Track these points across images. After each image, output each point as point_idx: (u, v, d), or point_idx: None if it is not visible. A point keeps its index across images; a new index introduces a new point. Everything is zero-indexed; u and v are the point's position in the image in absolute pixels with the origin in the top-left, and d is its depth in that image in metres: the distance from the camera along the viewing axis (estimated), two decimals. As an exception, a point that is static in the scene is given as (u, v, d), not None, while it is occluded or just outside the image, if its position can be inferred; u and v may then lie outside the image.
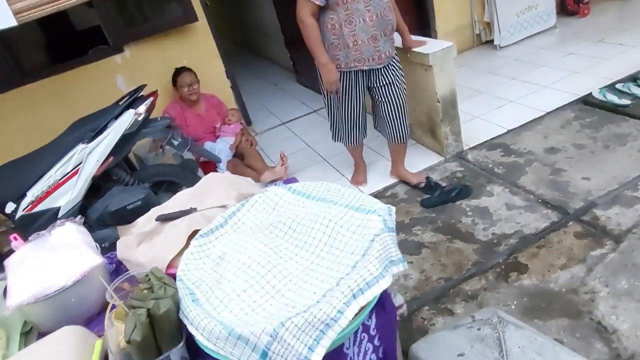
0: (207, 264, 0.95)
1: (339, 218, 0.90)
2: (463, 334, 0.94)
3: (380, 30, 2.30)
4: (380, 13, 2.27)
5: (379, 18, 2.27)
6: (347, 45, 2.32)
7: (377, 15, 2.25)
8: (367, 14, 2.24)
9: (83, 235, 1.13)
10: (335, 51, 2.36)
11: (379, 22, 2.28)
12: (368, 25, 2.26)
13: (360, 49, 2.33)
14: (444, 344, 0.93)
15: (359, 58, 2.36)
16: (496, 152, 3.05)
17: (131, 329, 0.73)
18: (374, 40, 2.31)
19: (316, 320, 0.70)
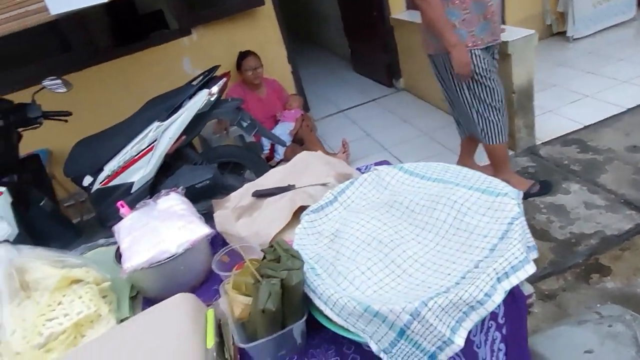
0: (320, 240, 0.93)
1: (464, 200, 0.85)
2: (590, 330, 0.88)
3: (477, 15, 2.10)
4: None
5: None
6: (485, 16, 2.11)
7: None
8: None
9: (188, 205, 1.14)
10: (470, 27, 2.12)
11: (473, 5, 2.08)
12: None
13: (495, 18, 2.14)
14: (568, 339, 0.88)
15: (494, 30, 2.17)
16: (572, 148, 2.89)
17: (265, 297, 0.71)
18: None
19: (461, 302, 0.66)
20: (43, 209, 2.58)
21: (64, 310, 0.93)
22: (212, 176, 2.58)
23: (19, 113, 2.44)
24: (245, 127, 2.66)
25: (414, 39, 3.75)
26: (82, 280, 0.99)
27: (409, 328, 0.68)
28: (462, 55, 2.12)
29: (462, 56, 2.13)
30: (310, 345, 0.84)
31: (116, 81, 3.53)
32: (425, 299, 0.67)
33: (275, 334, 0.76)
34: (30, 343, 0.89)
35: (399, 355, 0.70)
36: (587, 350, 0.84)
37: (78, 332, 0.94)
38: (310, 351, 0.83)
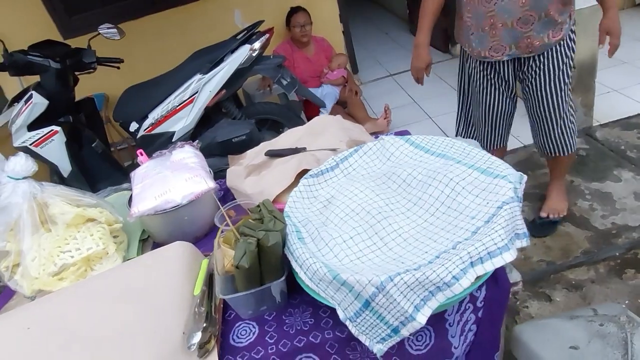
0: (314, 204, 0.94)
1: (461, 178, 0.82)
2: (581, 326, 0.84)
3: (535, 9, 1.63)
4: None
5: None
6: (482, 28, 1.73)
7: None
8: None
9: (199, 159, 1.18)
10: (467, 33, 1.81)
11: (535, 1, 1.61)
12: (518, 5, 1.61)
13: (500, 34, 1.71)
14: (555, 332, 0.85)
15: (496, 47, 1.76)
16: (632, 132, 2.66)
17: (240, 255, 0.74)
18: (523, 24, 1.66)
19: (427, 282, 0.66)
20: (95, 149, 2.77)
21: (76, 245, 1.01)
22: (249, 131, 2.62)
23: (75, 57, 2.58)
24: (285, 85, 2.66)
25: (474, 3, 3.52)
26: (96, 219, 1.07)
27: (373, 300, 0.68)
28: (415, 57, 1.90)
29: (414, 60, 1.91)
30: (291, 305, 0.87)
31: (169, 31, 3.61)
32: (392, 274, 0.67)
33: (250, 289, 0.79)
34: (46, 270, 0.98)
35: (363, 325, 0.71)
36: (573, 346, 0.81)
37: (88, 266, 1.02)
38: (289, 310, 0.86)
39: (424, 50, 1.87)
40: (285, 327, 0.82)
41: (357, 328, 0.72)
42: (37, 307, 0.89)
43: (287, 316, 0.84)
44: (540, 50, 1.74)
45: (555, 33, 1.71)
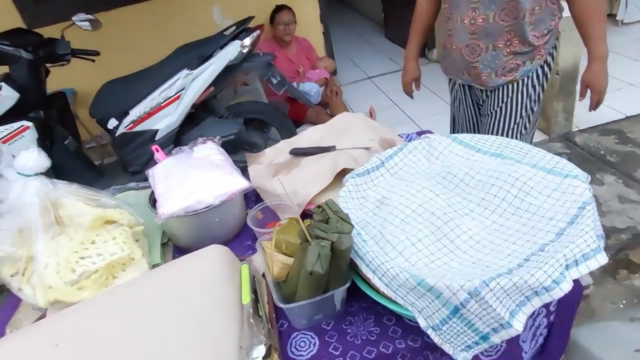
0: (365, 205, 0.89)
1: (527, 178, 0.79)
2: (643, 328, 0.83)
3: (482, 40, 1.44)
4: (492, 16, 1.38)
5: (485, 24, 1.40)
6: (444, 45, 1.60)
7: (483, 19, 1.40)
8: (468, 15, 1.42)
9: (225, 156, 1.10)
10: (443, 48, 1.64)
11: (484, 29, 1.42)
12: (466, 30, 1.44)
13: (455, 56, 1.56)
14: (616, 335, 0.84)
15: (452, 66, 1.63)
16: (610, 138, 2.78)
17: (314, 259, 0.68)
18: (470, 52, 1.49)
19: (525, 286, 0.62)
20: (67, 147, 2.58)
21: (97, 250, 0.91)
22: (237, 131, 2.53)
23: (48, 48, 2.40)
24: (275, 83, 2.59)
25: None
26: (115, 221, 0.97)
27: (464, 307, 0.64)
28: (402, 72, 1.84)
29: (402, 73, 1.84)
30: (348, 312, 0.81)
31: (145, 24, 3.44)
32: (486, 279, 0.63)
33: (316, 297, 0.73)
34: (64, 279, 0.87)
35: (449, 333, 0.67)
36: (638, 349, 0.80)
37: (110, 273, 0.92)
38: (349, 318, 0.80)
39: (410, 64, 1.78)
40: (350, 337, 0.76)
41: (441, 337, 0.67)
42: (61, 320, 0.78)
43: (348, 325, 0.79)
44: (490, 86, 1.54)
45: (506, 73, 1.47)
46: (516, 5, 1.34)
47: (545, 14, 1.40)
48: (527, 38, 1.40)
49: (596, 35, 1.36)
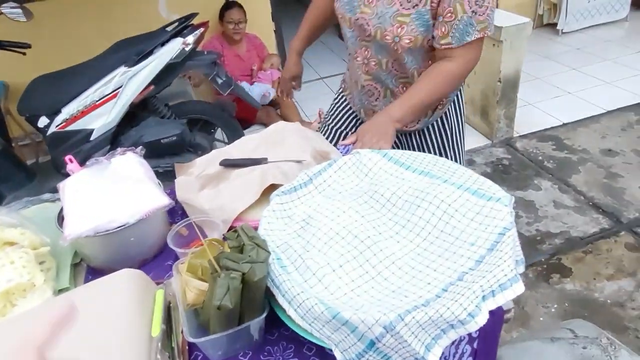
0: (290, 226, 0.84)
1: (452, 200, 0.78)
2: (563, 349, 0.84)
3: (379, 84, 1.34)
4: (385, 63, 1.26)
5: (379, 68, 1.29)
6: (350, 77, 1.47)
7: (375, 62, 1.28)
8: (361, 53, 1.30)
9: (145, 169, 1.02)
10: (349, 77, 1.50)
11: (377, 73, 1.31)
12: (360, 68, 1.33)
13: (352, 90, 1.47)
14: (538, 355, 0.84)
15: (353, 102, 1.49)
16: (548, 144, 2.89)
17: (223, 293, 0.63)
18: (368, 95, 1.38)
19: (441, 320, 0.60)
20: (-7, 147, 2.38)
21: (-9, 276, 0.81)
22: (180, 132, 2.42)
23: (-30, 39, 2.20)
24: (220, 83, 2.50)
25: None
26: (15, 243, 0.87)
27: (380, 341, 0.61)
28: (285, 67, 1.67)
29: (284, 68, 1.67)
30: (268, 341, 0.77)
31: (84, 16, 3.24)
32: (402, 313, 0.60)
33: (230, 329, 0.68)
34: (-52, 310, 0.77)
35: (365, 367, 0.64)
36: (557, 369, 0.81)
37: (8, 301, 0.83)
38: (267, 348, 0.75)
39: (292, 57, 1.58)
40: (267, 370, 0.72)
41: (357, 371, 0.64)
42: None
43: (267, 356, 0.74)
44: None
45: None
46: (401, 63, 1.23)
47: None
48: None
49: (408, 101, 1.18)
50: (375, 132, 1.17)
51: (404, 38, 1.15)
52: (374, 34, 1.19)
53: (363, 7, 1.20)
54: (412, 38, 1.15)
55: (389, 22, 1.15)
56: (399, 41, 1.16)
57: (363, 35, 1.25)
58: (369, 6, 1.19)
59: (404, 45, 1.16)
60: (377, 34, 1.19)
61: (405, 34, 1.15)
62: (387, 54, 1.24)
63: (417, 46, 1.17)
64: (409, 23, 1.14)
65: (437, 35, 1.14)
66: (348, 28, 1.29)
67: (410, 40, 1.15)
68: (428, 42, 1.17)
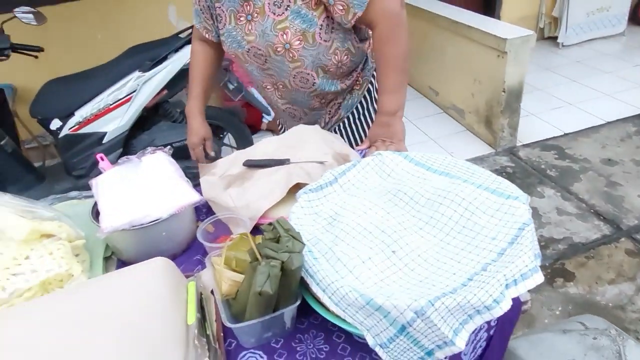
0: (318, 222, 0.89)
1: (473, 198, 0.83)
2: (575, 339, 0.88)
3: (296, 105, 1.39)
4: (289, 83, 1.29)
5: (287, 90, 1.33)
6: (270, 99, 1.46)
7: (283, 85, 1.32)
8: (268, 81, 1.34)
9: (175, 167, 1.07)
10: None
11: (289, 95, 1.35)
12: (274, 95, 1.38)
13: (278, 112, 1.52)
14: (551, 346, 0.88)
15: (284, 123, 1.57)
16: (550, 153, 2.95)
17: (264, 280, 0.67)
18: (291, 117, 1.46)
19: (468, 305, 0.64)
20: (4, 148, 2.42)
21: (31, 266, 0.85)
22: (190, 136, 2.47)
23: (-15, 41, 2.25)
24: (232, 89, 2.55)
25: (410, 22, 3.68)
26: (53, 235, 0.91)
27: (411, 326, 0.65)
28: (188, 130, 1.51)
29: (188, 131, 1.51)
30: (298, 330, 0.80)
31: (94, 21, 3.30)
32: (432, 299, 0.64)
33: (266, 316, 0.72)
34: (-8, 298, 0.81)
35: (396, 350, 0.68)
36: (570, 360, 0.86)
37: (45, 291, 0.86)
38: (298, 335, 0.79)
39: (196, 119, 1.44)
40: (299, 356, 0.76)
41: (388, 354, 0.68)
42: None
43: (297, 343, 0.78)
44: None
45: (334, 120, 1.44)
46: (303, 73, 1.25)
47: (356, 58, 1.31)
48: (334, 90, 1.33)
49: (387, 89, 1.20)
50: (385, 135, 1.23)
51: (293, 41, 1.16)
52: (267, 53, 1.21)
53: (247, 37, 1.22)
54: (300, 37, 1.16)
55: (272, 35, 1.16)
56: (290, 47, 1.17)
57: (261, 62, 1.26)
58: (250, 33, 1.21)
59: (297, 47, 1.17)
60: (269, 52, 1.20)
61: (291, 37, 1.16)
62: (288, 70, 1.24)
63: (310, 43, 1.18)
64: (290, 26, 1.15)
65: (342, 16, 1.13)
66: (245, 63, 1.30)
67: (300, 40, 1.16)
68: (321, 37, 1.17)
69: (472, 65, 3.03)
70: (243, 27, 1.22)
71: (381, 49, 1.18)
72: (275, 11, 1.15)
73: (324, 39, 1.19)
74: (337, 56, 1.24)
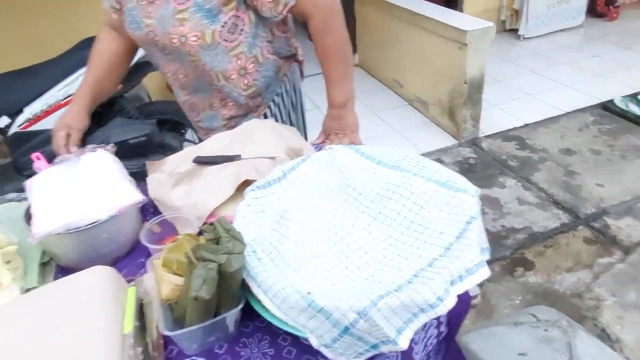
0: (264, 220, 0.86)
1: (422, 192, 0.81)
2: (526, 332, 0.89)
3: (197, 97, 1.30)
4: (190, 72, 1.21)
5: (188, 79, 1.24)
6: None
7: (183, 74, 1.23)
8: (168, 67, 1.24)
9: (117, 165, 1.01)
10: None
11: (191, 85, 1.26)
12: (175, 84, 1.29)
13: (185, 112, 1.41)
14: (502, 339, 0.89)
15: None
16: (511, 144, 3.01)
17: (199, 284, 0.63)
18: (190, 110, 1.36)
19: (412, 304, 0.63)
20: (-53, 147, 2.29)
21: (-46, 276, 0.79)
22: (148, 132, 2.39)
23: None
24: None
25: (373, 14, 3.67)
26: (-19, 241, 0.85)
27: (354, 326, 0.63)
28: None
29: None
30: (243, 333, 0.77)
31: (46, 12, 3.14)
32: (375, 298, 0.63)
33: (206, 321, 0.69)
34: None
35: (340, 348, 0.66)
36: (521, 353, 0.86)
37: (-29, 302, 0.80)
38: (243, 339, 0.76)
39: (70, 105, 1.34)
40: (243, 361, 0.73)
41: (333, 352, 0.66)
42: None
43: (242, 347, 0.75)
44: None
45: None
46: (201, 67, 1.16)
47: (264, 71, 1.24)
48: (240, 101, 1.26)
49: (332, 82, 1.20)
50: (338, 127, 1.23)
51: (189, 36, 1.07)
52: (164, 42, 1.12)
53: (146, 20, 1.12)
54: (198, 34, 1.07)
55: (170, 23, 1.07)
56: (186, 41, 1.08)
57: (160, 48, 1.16)
58: (149, 16, 1.11)
59: (192, 44, 1.08)
60: (165, 41, 1.11)
61: (189, 31, 1.06)
62: (187, 61, 1.15)
63: (208, 42, 1.09)
64: (189, 18, 1.05)
65: (272, 9, 1.07)
66: (146, 45, 1.20)
67: (197, 37, 1.07)
68: (221, 35, 1.09)
69: (434, 57, 3.05)
70: (144, 8, 1.11)
71: (319, 40, 1.14)
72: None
73: (225, 38, 1.10)
74: (241, 61, 1.16)
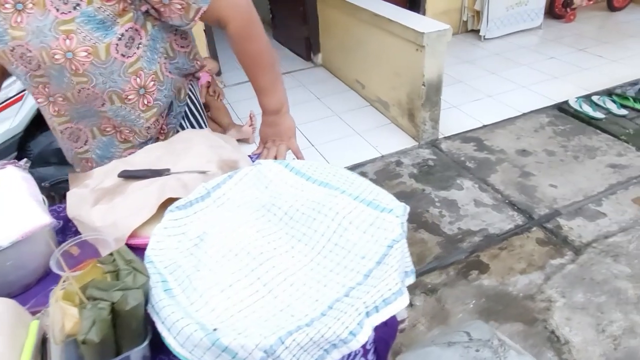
0: (183, 243, 0.80)
1: (347, 212, 0.77)
2: (458, 352, 0.87)
3: (81, 123, 1.10)
4: (72, 95, 1.01)
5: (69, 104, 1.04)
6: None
7: (63, 98, 1.03)
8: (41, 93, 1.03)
9: (28, 184, 0.93)
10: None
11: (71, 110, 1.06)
12: (47, 110, 1.09)
13: (62, 144, 1.19)
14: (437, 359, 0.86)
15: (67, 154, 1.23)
16: (469, 145, 3.03)
17: (88, 326, 0.57)
18: (73, 141, 1.14)
19: (323, 340, 0.59)
20: None
21: None
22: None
23: None
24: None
25: (335, 15, 3.64)
26: None
27: (261, 366, 0.59)
28: None
29: None
30: (159, 368, 0.72)
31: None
32: (282, 335, 0.58)
33: (106, 362, 0.63)
34: None
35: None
36: (452, 375, 0.84)
37: None
38: (158, 375, 0.71)
39: None
40: (151, 401, 0.67)
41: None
42: None
43: (156, 383, 0.70)
44: None
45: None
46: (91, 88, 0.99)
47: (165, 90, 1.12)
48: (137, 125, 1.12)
49: (261, 90, 1.17)
50: (274, 134, 1.20)
51: (78, 51, 0.92)
52: (40, 57, 0.93)
53: (12, 32, 0.91)
54: (89, 49, 0.92)
55: (51, 36, 0.90)
56: (73, 57, 0.92)
57: (31, 67, 0.96)
58: (18, 27, 0.91)
59: (82, 60, 0.93)
60: (43, 57, 0.92)
61: (78, 45, 0.91)
62: (71, 83, 0.97)
63: (102, 59, 0.95)
64: (77, 30, 0.90)
65: (182, 16, 0.97)
66: (11, 65, 0.98)
67: (88, 52, 0.92)
68: (117, 49, 0.96)
69: (393, 58, 3.04)
70: (9, 18, 0.91)
71: (241, 47, 1.09)
72: (59, 7, 0.88)
73: (123, 53, 0.97)
74: (140, 79, 1.03)
